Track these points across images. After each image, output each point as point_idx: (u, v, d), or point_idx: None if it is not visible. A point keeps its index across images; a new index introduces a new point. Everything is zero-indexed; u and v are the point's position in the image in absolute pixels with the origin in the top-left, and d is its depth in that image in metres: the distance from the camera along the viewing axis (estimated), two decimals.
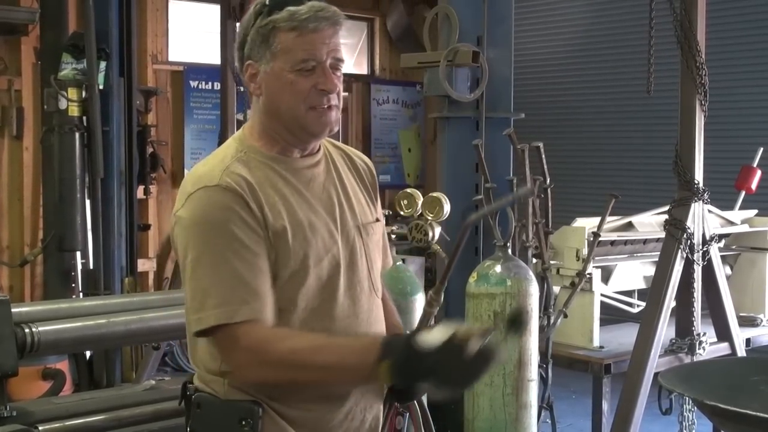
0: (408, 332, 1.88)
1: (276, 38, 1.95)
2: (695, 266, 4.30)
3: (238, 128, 2.52)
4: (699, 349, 4.30)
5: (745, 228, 5.19)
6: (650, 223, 4.94)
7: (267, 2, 1.97)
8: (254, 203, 1.91)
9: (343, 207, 2.06)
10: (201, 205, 1.91)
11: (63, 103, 5.66)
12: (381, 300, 2.16)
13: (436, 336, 1.75)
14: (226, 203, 1.90)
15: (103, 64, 5.86)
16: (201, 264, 1.89)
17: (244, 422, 1.92)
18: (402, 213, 4.23)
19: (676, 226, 4.25)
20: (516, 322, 1.80)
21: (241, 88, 5.61)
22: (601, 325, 4.49)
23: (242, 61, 2.02)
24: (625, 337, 4.52)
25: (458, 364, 1.74)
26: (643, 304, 4.60)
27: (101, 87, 5.79)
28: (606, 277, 4.71)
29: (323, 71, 1.95)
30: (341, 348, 1.88)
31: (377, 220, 2.16)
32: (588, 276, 4.31)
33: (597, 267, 4.47)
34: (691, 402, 4.09)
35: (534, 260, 4.22)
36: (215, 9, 6.56)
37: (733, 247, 5.23)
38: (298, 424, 1.96)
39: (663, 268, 4.27)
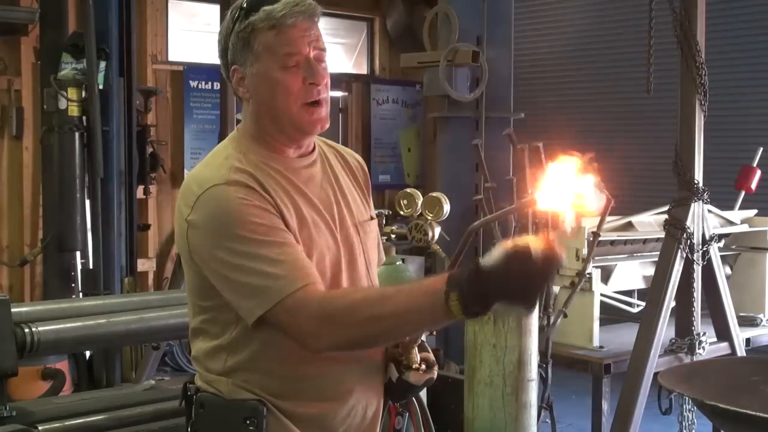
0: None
1: (256, 39, 1.95)
2: (695, 266, 4.30)
3: None
4: (699, 349, 4.30)
5: (745, 228, 5.19)
6: (650, 222, 4.94)
7: (242, 5, 1.97)
8: (266, 196, 1.92)
9: (340, 206, 2.07)
10: (215, 202, 1.90)
11: (63, 103, 5.66)
12: None
13: (497, 252, 1.69)
14: (240, 196, 1.89)
15: (102, 64, 5.86)
16: (236, 255, 1.87)
17: (248, 421, 1.92)
18: (402, 213, 4.23)
19: (675, 226, 4.25)
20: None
21: None
22: (600, 325, 4.49)
23: (227, 68, 2.02)
24: (625, 337, 4.52)
25: (528, 271, 1.68)
26: (643, 303, 4.60)
27: (101, 87, 5.79)
28: (606, 277, 4.71)
29: (309, 64, 1.96)
30: (408, 291, 1.84)
31: (372, 218, 2.17)
32: (588, 276, 4.31)
33: (597, 267, 4.47)
34: (690, 402, 4.09)
35: None
36: (215, 9, 6.56)
37: (733, 246, 5.23)
38: (302, 421, 1.96)
39: (663, 268, 4.27)
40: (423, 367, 2.01)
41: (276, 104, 1.97)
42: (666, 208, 4.44)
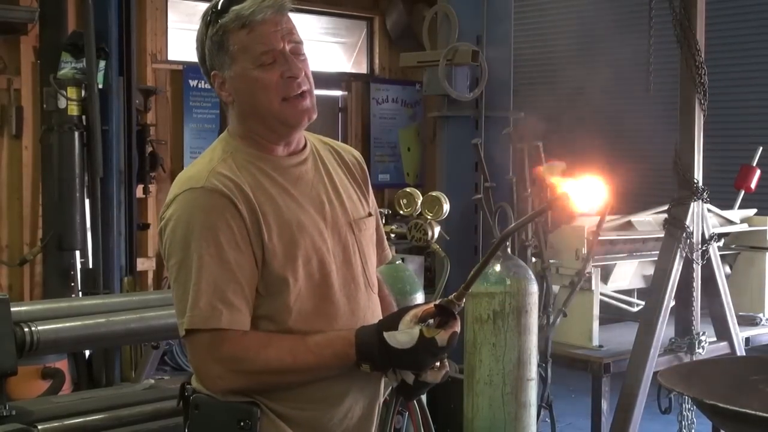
0: (376, 328, 1.90)
1: (230, 41, 1.95)
2: (695, 265, 4.30)
3: None
4: (698, 348, 4.30)
5: (745, 227, 5.19)
6: (650, 222, 4.94)
7: (212, 9, 1.98)
8: (242, 204, 1.91)
9: (333, 204, 2.05)
10: (186, 207, 1.91)
11: (62, 102, 5.65)
12: (378, 295, 2.16)
13: (405, 338, 1.87)
14: (210, 205, 1.90)
15: (102, 63, 5.85)
16: (183, 268, 1.89)
17: (242, 423, 1.91)
18: (401, 212, 4.23)
19: (675, 226, 4.25)
20: (445, 310, 1.89)
21: None
22: (600, 325, 4.49)
23: (208, 74, 2.02)
24: (625, 336, 4.52)
25: (431, 356, 1.90)
26: (643, 303, 4.60)
27: (101, 86, 5.78)
28: (605, 277, 4.71)
29: (285, 59, 1.95)
30: (319, 353, 1.90)
31: (369, 214, 2.15)
32: (587, 275, 4.31)
33: (596, 266, 4.47)
34: (690, 401, 4.10)
35: (533, 259, 4.22)
36: None
37: (733, 246, 5.23)
38: (296, 424, 1.96)
39: (662, 268, 4.27)
40: (437, 364, 1.99)
41: (258, 103, 1.96)
42: (666, 208, 4.45)
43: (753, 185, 5.57)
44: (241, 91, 1.97)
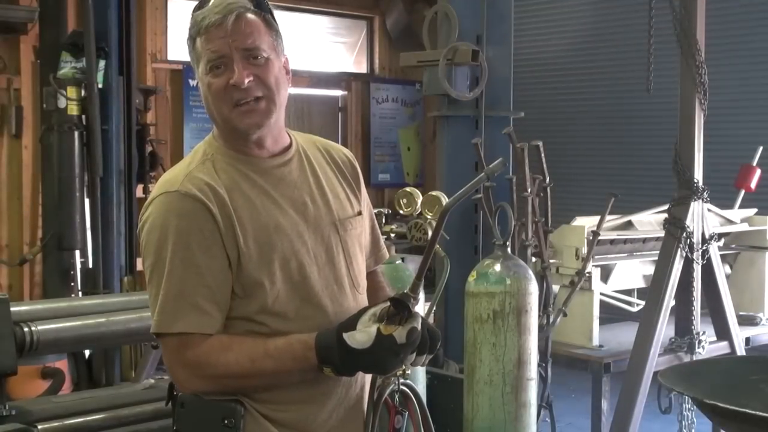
0: (336, 330, 1.88)
1: (193, 48, 1.98)
2: (695, 265, 4.30)
3: None
4: (698, 348, 4.30)
5: (745, 227, 5.19)
6: (650, 221, 4.94)
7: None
8: (215, 208, 1.91)
9: (316, 204, 2.04)
10: (159, 211, 1.92)
11: (62, 102, 5.65)
12: (374, 280, 2.19)
13: (363, 337, 1.83)
14: (183, 210, 1.90)
15: (102, 63, 5.85)
16: (155, 271, 1.91)
17: (227, 421, 1.93)
18: (401, 212, 4.23)
19: (675, 225, 4.25)
20: (400, 304, 1.84)
21: None
22: (600, 324, 4.49)
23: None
24: (625, 336, 4.53)
25: (393, 355, 1.84)
26: (643, 303, 4.60)
27: (100, 86, 5.78)
28: (605, 276, 4.71)
29: (230, 66, 1.93)
30: (278, 357, 1.89)
31: (359, 213, 2.13)
32: (587, 275, 4.31)
33: (596, 266, 4.47)
34: (690, 401, 4.09)
35: (533, 259, 4.22)
36: None
37: (733, 245, 5.23)
38: (281, 423, 1.96)
39: (662, 267, 4.27)
40: (405, 367, 1.96)
41: (213, 109, 1.98)
42: (666, 207, 4.45)
43: (753, 185, 5.57)
44: (203, 96, 1.99)
